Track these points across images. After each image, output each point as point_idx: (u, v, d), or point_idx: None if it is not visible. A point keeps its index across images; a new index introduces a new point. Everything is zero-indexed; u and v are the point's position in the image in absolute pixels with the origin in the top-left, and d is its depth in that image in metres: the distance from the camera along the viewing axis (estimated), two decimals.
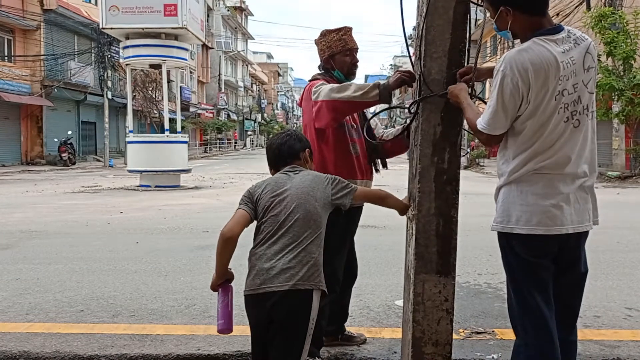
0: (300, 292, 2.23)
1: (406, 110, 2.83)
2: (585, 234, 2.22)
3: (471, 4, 2.60)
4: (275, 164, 2.55)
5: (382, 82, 2.86)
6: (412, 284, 2.59)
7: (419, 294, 2.57)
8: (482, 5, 2.69)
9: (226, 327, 2.37)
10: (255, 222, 2.40)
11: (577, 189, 2.14)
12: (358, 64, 3.30)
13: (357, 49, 3.28)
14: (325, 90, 2.92)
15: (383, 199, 2.64)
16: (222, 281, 2.37)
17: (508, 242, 2.20)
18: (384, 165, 3.37)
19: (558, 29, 2.16)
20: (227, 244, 2.27)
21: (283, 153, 2.53)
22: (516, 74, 2.06)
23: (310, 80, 3.27)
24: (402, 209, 2.65)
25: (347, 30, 3.24)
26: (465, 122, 2.46)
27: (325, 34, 3.27)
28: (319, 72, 3.31)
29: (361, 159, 3.16)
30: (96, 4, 26.27)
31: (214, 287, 2.39)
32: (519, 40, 2.26)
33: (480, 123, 2.20)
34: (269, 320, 2.25)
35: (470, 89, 2.44)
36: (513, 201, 2.16)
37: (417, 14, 2.76)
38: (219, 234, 2.28)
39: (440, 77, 2.54)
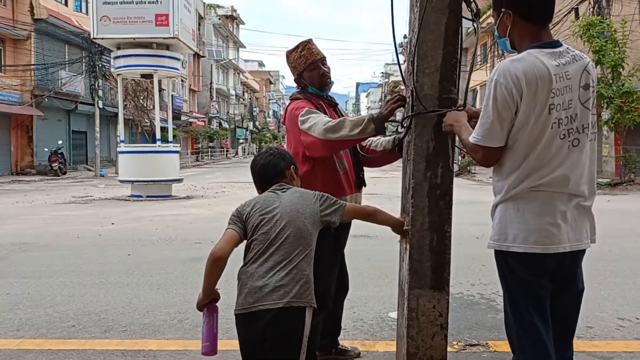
0: (294, 310, 2.21)
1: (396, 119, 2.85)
2: (583, 252, 2.20)
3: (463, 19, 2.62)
4: (262, 185, 2.52)
5: (374, 114, 2.85)
6: (406, 299, 2.59)
7: (413, 309, 2.57)
8: (474, 20, 2.72)
9: (211, 350, 2.33)
10: (245, 241, 2.37)
11: (574, 207, 2.12)
12: (329, 72, 3.24)
13: (322, 58, 3.21)
14: (320, 129, 2.86)
15: (372, 216, 2.62)
16: (208, 301, 2.34)
17: (505, 260, 2.18)
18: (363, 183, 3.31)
19: (556, 44, 2.14)
20: (217, 264, 2.23)
21: (268, 173, 2.50)
22: (510, 82, 2.04)
23: (291, 99, 3.25)
24: (394, 224, 2.62)
25: (304, 45, 3.20)
26: (457, 139, 2.46)
27: (287, 55, 3.25)
28: (296, 90, 3.29)
29: (349, 174, 3.14)
30: (87, 13, 26.23)
31: (200, 307, 2.36)
32: (516, 53, 2.25)
33: (474, 136, 2.16)
34: (262, 338, 2.22)
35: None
36: (510, 219, 2.13)
37: (410, 28, 2.78)
38: (209, 253, 2.25)
39: (433, 93, 2.55)
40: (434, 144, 2.56)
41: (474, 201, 12.57)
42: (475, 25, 2.67)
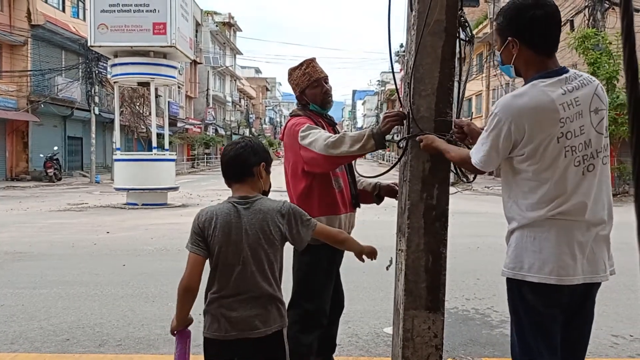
0: (272, 335, 2.21)
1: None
2: (597, 285, 2.16)
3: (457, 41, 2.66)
4: (227, 177, 2.37)
5: (374, 129, 2.85)
6: (401, 319, 2.61)
7: (408, 330, 2.58)
8: (467, 42, 2.75)
9: None
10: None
11: (594, 238, 2.08)
12: (331, 91, 3.27)
13: (325, 77, 3.25)
14: (320, 144, 2.87)
15: (343, 244, 2.52)
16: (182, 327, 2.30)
17: (519, 289, 2.13)
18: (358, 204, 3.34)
19: (562, 71, 2.11)
20: (188, 296, 2.19)
21: (235, 167, 2.32)
22: (509, 119, 2.04)
23: (290, 115, 3.26)
24: (357, 252, 2.51)
25: (309, 63, 3.24)
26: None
27: (290, 72, 3.28)
28: (297, 107, 3.31)
29: (344, 193, 3.15)
30: (84, 19, 26.24)
31: (173, 332, 2.33)
32: (521, 80, 2.23)
33: (475, 159, 2.19)
34: None
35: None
36: (525, 247, 2.09)
37: (406, 50, 2.81)
38: (179, 284, 2.20)
39: (429, 115, 2.58)
40: (430, 165, 2.59)
41: (469, 212, 12.60)
42: (470, 49, 2.70)
